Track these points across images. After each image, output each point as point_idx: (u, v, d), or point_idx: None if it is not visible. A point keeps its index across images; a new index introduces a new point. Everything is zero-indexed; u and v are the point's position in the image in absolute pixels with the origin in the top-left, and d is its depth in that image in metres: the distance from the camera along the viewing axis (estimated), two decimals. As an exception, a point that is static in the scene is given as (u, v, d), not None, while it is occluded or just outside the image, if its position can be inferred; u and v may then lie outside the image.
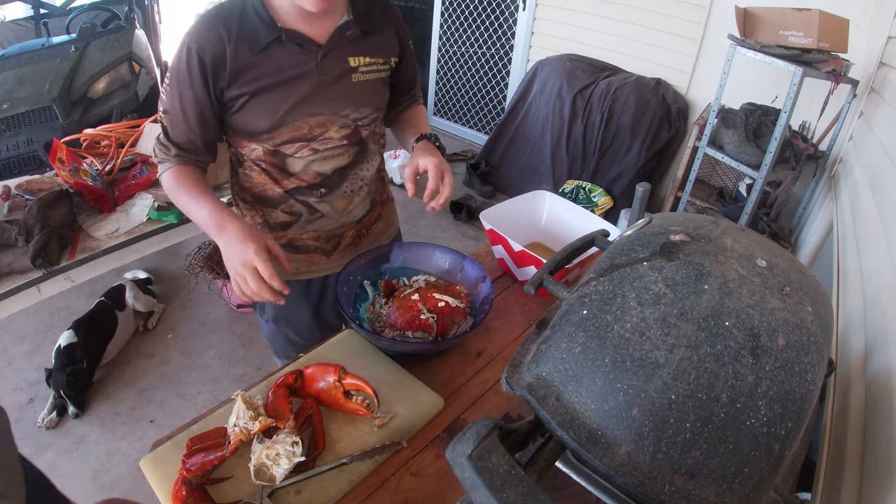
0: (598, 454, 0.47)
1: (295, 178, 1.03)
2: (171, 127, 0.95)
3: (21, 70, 2.89)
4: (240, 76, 0.90)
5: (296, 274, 1.13)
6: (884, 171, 1.37)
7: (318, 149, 1.00)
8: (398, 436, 0.80)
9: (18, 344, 2.21)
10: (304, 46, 0.93)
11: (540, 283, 0.66)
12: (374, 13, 1.01)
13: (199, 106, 0.92)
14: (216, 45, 0.88)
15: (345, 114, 1.00)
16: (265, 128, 0.95)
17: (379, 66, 1.03)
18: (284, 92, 0.93)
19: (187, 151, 0.97)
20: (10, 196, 1.86)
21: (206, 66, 0.88)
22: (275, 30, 0.90)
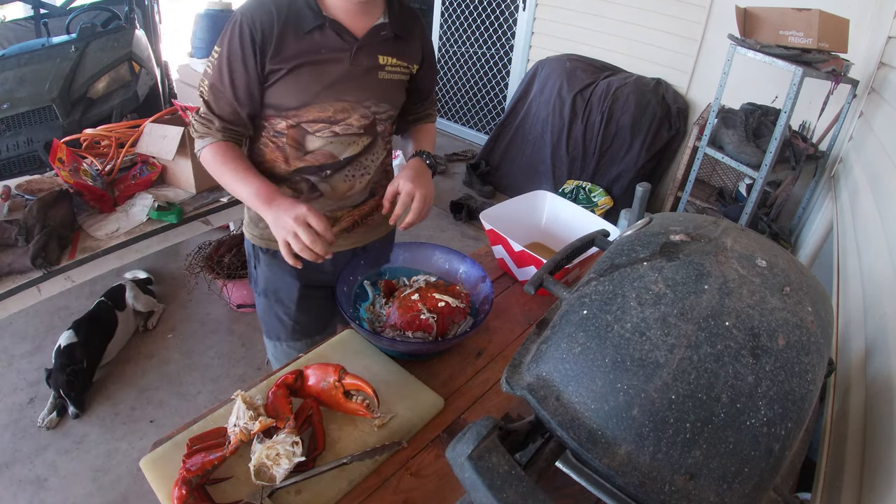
0: (598, 454, 0.47)
1: (309, 156, 1.08)
2: (215, 100, 1.01)
3: (21, 70, 2.89)
4: (281, 52, 0.97)
5: None
6: (884, 171, 1.37)
7: (338, 132, 1.07)
8: (398, 436, 0.80)
9: (18, 344, 2.21)
10: (343, 37, 1.00)
11: (540, 283, 0.66)
12: (406, 20, 1.10)
13: (247, 78, 0.99)
14: (266, 22, 0.95)
15: (367, 104, 1.07)
16: (294, 104, 1.02)
17: (402, 69, 1.11)
18: (318, 73, 1.00)
19: (231, 123, 1.03)
20: (10, 196, 1.86)
21: (256, 41, 0.95)
22: (320, 17, 0.98)
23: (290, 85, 1.01)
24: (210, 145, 1.03)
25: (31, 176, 2.05)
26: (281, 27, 0.97)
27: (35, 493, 1.66)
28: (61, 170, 1.84)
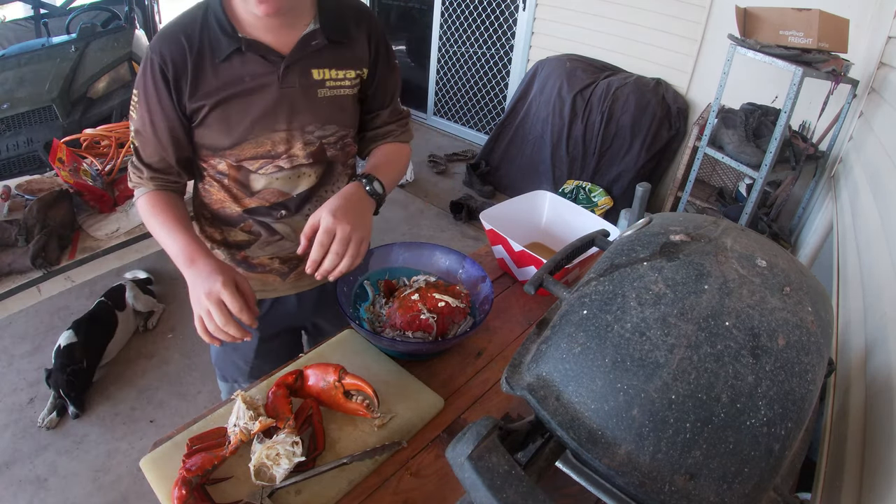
0: (598, 454, 0.47)
1: (256, 196, 0.98)
2: (142, 147, 0.92)
3: (21, 70, 2.90)
4: (200, 87, 0.87)
5: None
6: (884, 171, 1.37)
7: (282, 166, 0.95)
8: (398, 436, 0.80)
9: (18, 344, 2.21)
10: (267, 57, 0.88)
11: (540, 283, 0.66)
12: (344, 21, 0.94)
13: (168, 121, 0.89)
14: (177, 55, 0.85)
15: (309, 130, 0.95)
16: (227, 143, 0.92)
17: (348, 80, 0.96)
18: (245, 105, 0.89)
19: (161, 172, 0.94)
20: (10, 196, 1.87)
21: (169, 78, 0.85)
22: (235, 39, 0.86)
23: (217, 123, 0.90)
24: (144, 196, 0.93)
25: (31, 176, 2.06)
26: (195, 58, 0.85)
27: (35, 493, 1.66)
28: (61, 170, 1.84)
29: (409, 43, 4.84)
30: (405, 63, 4.89)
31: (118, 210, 1.97)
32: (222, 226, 1.03)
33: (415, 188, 3.61)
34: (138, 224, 1.93)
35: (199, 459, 0.70)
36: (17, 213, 1.80)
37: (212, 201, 1.01)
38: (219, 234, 1.05)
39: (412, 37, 4.72)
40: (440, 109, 4.57)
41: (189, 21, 0.86)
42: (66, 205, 1.81)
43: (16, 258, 1.65)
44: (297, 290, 1.12)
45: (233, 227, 1.02)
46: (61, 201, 1.79)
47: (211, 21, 0.86)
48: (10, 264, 1.65)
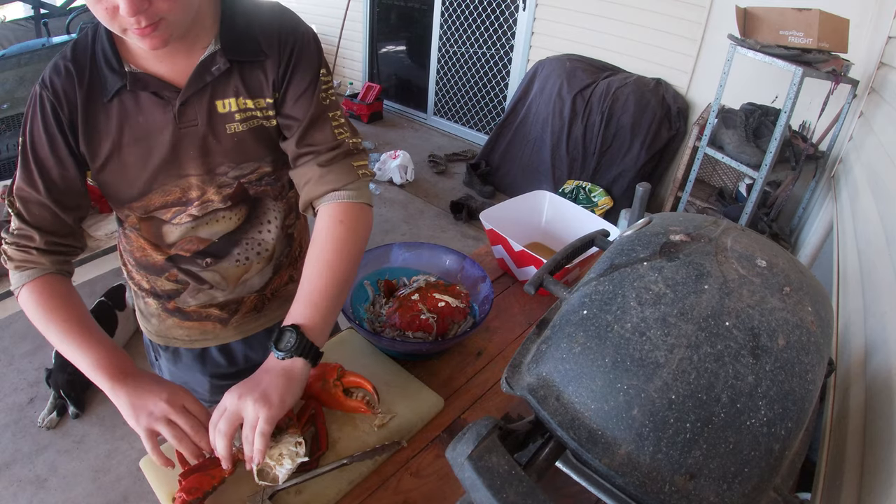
0: (598, 454, 0.47)
1: (175, 247, 0.86)
2: (27, 209, 0.75)
3: (21, 70, 2.89)
4: (93, 130, 0.74)
5: (188, 342, 0.99)
6: (884, 171, 1.37)
7: (196, 214, 0.82)
8: (398, 436, 0.80)
9: (18, 344, 2.21)
10: (159, 94, 0.73)
11: (540, 283, 0.66)
12: (250, 35, 0.76)
13: (61, 170, 0.74)
14: (68, 89, 0.71)
15: (222, 171, 0.80)
16: (131, 195, 0.79)
17: (262, 109, 0.79)
18: (144, 151, 0.76)
19: (54, 235, 0.77)
20: (10, 196, 1.86)
21: (63, 116, 0.72)
22: (120, 75, 0.72)
23: (115, 173, 0.77)
24: (29, 285, 0.75)
25: (31, 176, 2.06)
26: (85, 95, 0.72)
27: (35, 493, 1.66)
28: (61, 170, 1.84)
29: (409, 43, 4.85)
30: (405, 63, 4.90)
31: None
32: (148, 274, 0.92)
33: (415, 188, 3.61)
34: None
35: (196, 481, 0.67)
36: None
37: (133, 248, 0.90)
38: (146, 282, 0.93)
39: (412, 37, 4.73)
40: (440, 109, 4.57)
41: (80, 50, 0.73)
42: (66, 205, 1.81)
43: (16, 258, 1.65)
44: (243, 334, 1.01)
45: (158, 276, 0.91)
46: (61, 201, 1.79)
47: (97, 50, 0.73)
48: (10, 264, 1.65)
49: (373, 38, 4.76)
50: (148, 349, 1.07)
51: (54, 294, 0.76)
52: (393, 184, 3.59)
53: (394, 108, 4.91)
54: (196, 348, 1.01)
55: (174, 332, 0.99)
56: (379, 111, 4.65)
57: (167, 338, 1.00)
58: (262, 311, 1.01)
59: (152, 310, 0.98)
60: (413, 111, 4.80)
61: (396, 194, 3.50)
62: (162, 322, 0.98)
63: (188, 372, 1.03)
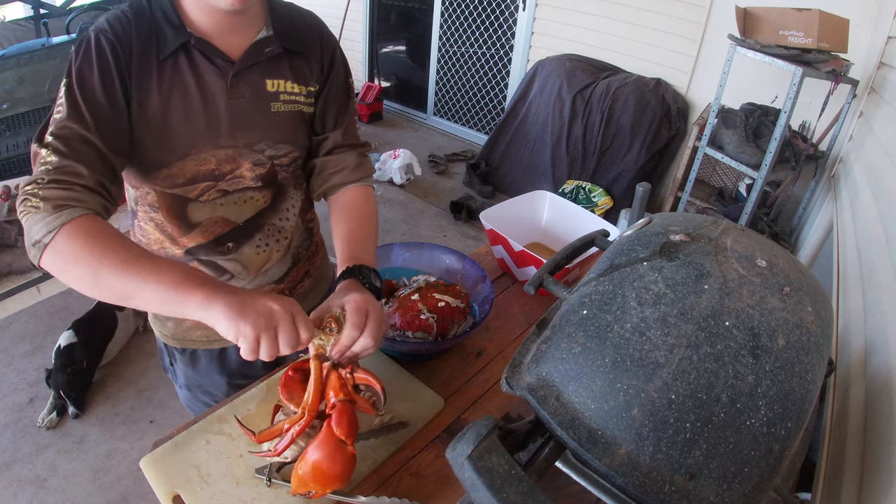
0: (598, 454, 0.47)
1: (197, 230, 0.85)
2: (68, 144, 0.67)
3: (21, 70, 2.89)
4: (142, 86, 0.73)
5: (206, 342, 0.98)
6: (884, 171, 1.37)
7: (227, 189, 0.83)
8: (398, 436, 0.80)
9: (18, 344, 2.21)
10: (214, 61, 0.77)
11: (540, 283, 0.66)
12: (298, 29, 0.85)
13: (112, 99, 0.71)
14: (126, 35, 0.72)
15: (259, 148, 0.84)
16: (165, 159, 0.78)
17: (303, 96, 0.86)
18: (189, 113, 0.77)
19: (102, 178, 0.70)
20: (10, 196, 1.86)
21: (119, 52, 0.71)
22: (182, 33, 0.74)
23: (156, 133, 0.76)
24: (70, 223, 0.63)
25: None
26: (140, 47, 0.72)
27: (35, 493, 1.66)
28: (61, 170, 1.84)
29: (409, 43, 4.85)
30: (405, 63, 4.90)
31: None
32: None
33: (415, 188, 3.61)
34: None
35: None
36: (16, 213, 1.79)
37: (150, 242, 0.88)
38: None
39: (412, 37, 4.73)
40: (440, 109, 4.57)
41: (136, 5, 0.75)
42: (66, 205, 1.81)
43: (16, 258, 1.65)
44: None
45: None
46: (61, 201, 1.79)
47: (156, 10, 0.75)
48: (10, 264, 1.65)
49: (373, 38, 4.76)
50: (162, 354, 1.05)
51: (106, 229, 0.66)
52: (393, 184, 3.59)
53: (394, 108, 4.91)
54: (214, 348, 1.00)
55: (192, 333, 0.97)
56: (379, 111, 4.65)
57: (185, 340, 0.98)
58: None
59: None
60: (413, 111, 4.80)
61: (396, 194, 3.50)
62: (179, 324, 0.97)
63: (206, 374, 1.02)
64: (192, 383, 1.03)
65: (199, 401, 1.06)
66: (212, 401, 1.04)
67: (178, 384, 1.07)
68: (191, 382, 1.03)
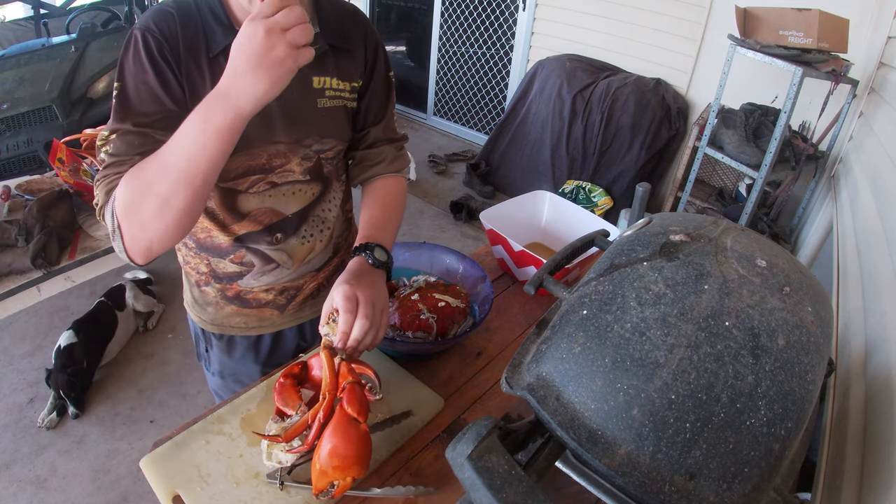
0: (598, 454, 0.47)
1: (247, 219, 0.88)
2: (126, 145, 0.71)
3: (21, 70, 2.90)
4: (191, 82, 0.74)
5: (244, 329, 1.01)
6: (884, 171, 1.37)
7: (276, 182, 0.86)
8: (398, 436, 0.81)
9: (18, 344, 2.21)
10: None
11: (540, 283, 0.66)
12: (343, 24, 0.86)
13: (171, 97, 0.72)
14: (171, 33, 0.72)
15: (307, 143, 0.86)
16: None
17: (347, 91, 0.89)
18: None
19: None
20: (10, 196, 1.87)
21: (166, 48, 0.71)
22: (232, 31, 0.74)
23: None
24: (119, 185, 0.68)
25: (31, 176, 2.06)
26: (187, 45, 0.73)
27: (35, 493, 1.66)
28: (61, 170, 1.85)
29: (409, 43, 4.85)
30: (405, 63, 4.90)
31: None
32: (210, 256, 0.93)
33: (415, 188, 3.61)
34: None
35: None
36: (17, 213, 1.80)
37: (196, 230, 0.89)
38: (205, 265, 0.94)
39: (412, 37, 4.73)
40: (440, 109, 4.57)
41: (183, 4, 0.75)
42: (66, 205, 1.81)
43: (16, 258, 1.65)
44: (298, 321, 1.05)
45: (222, 259, 0.92)
46: (61, 201, 1.79)
47: (203, 8, 0.76)
48: (10, 264, 1.65)
49: (373, 38, 4.76)
50: (198, 340, 1.06)
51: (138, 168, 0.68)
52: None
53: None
54: (252, 335, 1.02)
55: (232, 319, 0.99)
56: (379, 111, 4.65)
57: (224, 326, 1.00)
58: (318, 297, 1.03)
59: (210, 298, 0.97)
60: (413, 111, 4.80)
61: (396, 194, 3.50)
62: (220, 310, 0.98)
63: (241, 361, 1.04)
64: (226, 370, 1.05)
65: (230, 389, 1.07)
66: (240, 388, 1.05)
67: (210, 371, 1.08)
68: (224, 369, 1.05)
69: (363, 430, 0.67)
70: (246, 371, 1.05)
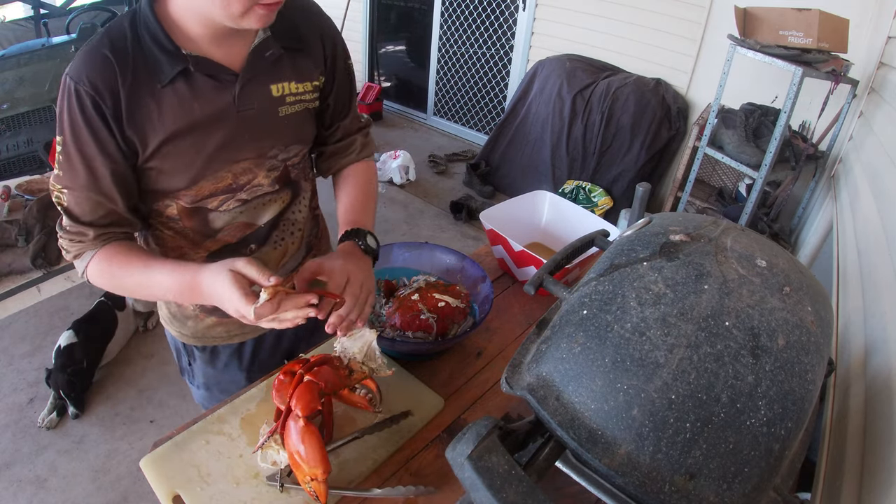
0: (598, 454, 0.47)
1: (220, 234, 0.86)
2: (78, 206, 0.73)
3: (21, 70, 2.89)
4: (140, 120, 0.71)
5: (226, 338, 1.00)
6: (884, 171, 1.37)
7: (245, 199, 0.84)
8: (398, 436, 0.81)
9: (18, 344, 2.21)
10: (218, 77, 0.74)
11: (540, 283, 0.66)
12: (296, 23, 0.81)
13: (112, 164, 0.72)
14: (107, 75, 0.68)
15: (273, 154, 0.84)
16: (181, 185, 0.78)
17: (308, 93, 0.85)
18: (199, 138, 0.75)
19: (109, 227, 0.76)
20: (10, 196, 1.87)
21: (105, 109, 0.69)
22: (179, 59, 0.71)
23: (165, 164, 0.75)
24: (93, 259, 0.76)
25: (31, 176, 2.06)
26: (129, 86, 0.69)
27: (35, 493, 1.66)
28: (61, 170, 1.84)
29: (409, 43, 4.84)
30: (405, 63, 4.90)
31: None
32: None
33: (415, 188, 3.61)
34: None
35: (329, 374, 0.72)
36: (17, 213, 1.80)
37: (166, 250, 0.87)
38: None
39: (412, 37, 4.72)
40: (440, 109, 4.57)
41: (116, 37, 0.70)
42: (66, 205, 1.81)
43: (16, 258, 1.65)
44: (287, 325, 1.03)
45: None
46: (61, 201, 1.79)
47: (143, 35, 0.70)
48: (10, 264, 1.65)
49: (373, 38, 4.76)
50: (180, 355, 1.04)
51: (113, 255, 0.76)
52: (393, 184, 3.59)
53: (394, 108, 4.91)
54: (234, 343, 1.01)
55: (213, 330, 0.98)
56: (379, 111, 4.65)
57: (206, 337, 0.99)
58: None
59: (188, 312, 0.96)
60: (413, 111, 4.80)
61: (396, 194, 3.50)
62: (200, 322, 0.97)
63: (225, 370, 1.03)
64: (211, 381, 1.04)
65: (216, 399, 1.05)
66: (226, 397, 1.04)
67: (195, 385, 1.07)
68: (209, 381, 1.04)
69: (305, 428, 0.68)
70: (231, 379, 1.04)
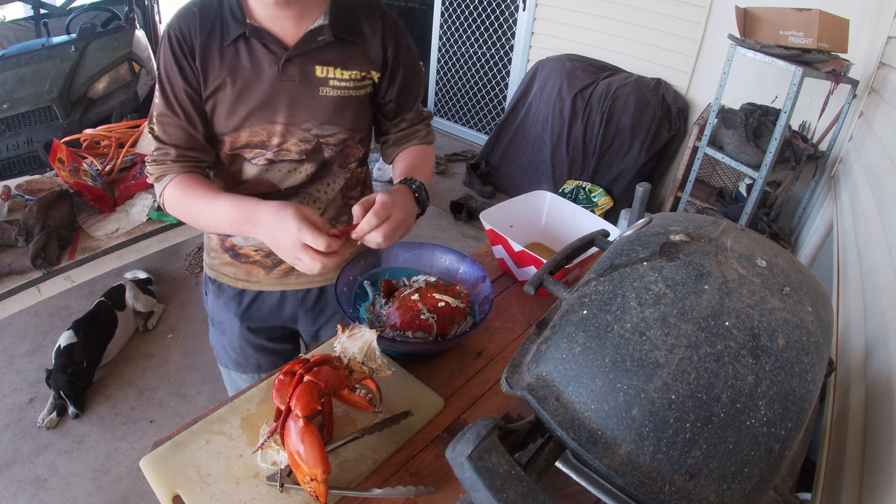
0: (598, 454, 0.47)
1: (244, 186, 0.98)
2: (165, 131, 0.91)
3: (21, 70, 2.90)
4: (206, 64, 0.88)
5: (233, 280, 1.10)
6: (884, 171, 1.37)
7: (272, 159, 0.95)
8: (398, 436, 0.80)
9: (18, 344, 2.21)
10: (269, 47, 0.88)
11: (540, 283, 0.66)
12: (355, 19, 0.93)
13: (191, 93, 0.89)
14: (190, 30, 0.87)
15: (306, 127, 0.94)
16: (226, 128, 0.93)
17: (355, 81, 0.94)
18: (242, 92, 0.90)
19: (189, 150, 0.92)
20: (10, 196, 1.87)
21: (186, 50, 0.87)
22: (242, 24, 0.87)
23: (217, 107, 0.91)
24: (171, 183, 0.90)
25: (31, 176, 2.06)
26: (204, 38, 0.87)
27: (35, 493, 1.66)
28: (61, 170, 1.84)
29: (409, 43, 4.85)
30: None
31: (118, 210, 1.97)
32: None
33: (415, 188, 3.61)
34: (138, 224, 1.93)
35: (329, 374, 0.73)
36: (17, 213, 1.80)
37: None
38: None
39: (412, 37, 4.72)
40: (440, 109, 4.57)
41: (208, 2, 0.89)
42: (66, 205, 1.81)
43: (16, 258, 1.65)
44: (282, 286, 1.10)
45: None
46: (61, 201, 1.79)
47: (224, 5, 0.88)
48: (10, 264, 1.65)
49: (373, 38, 4.76)
50: (205, 284, 1.17)
51: (187, 184, 0.90)
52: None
53: (394, 108, 4.92)
54: (237, 287, 1.10)
55: (225, 268, 1.09)
56: (379, 111, 4.66)
57: (218, 273, 1.10)
58: None
59: (213, 244, 1.10)
60: (413, 111, 4.80)
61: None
62: (218, 257, 1.09)
63: (224, 309, 1.13)
64: (216, 317, 1.16)
65: (219, 341, 1.17)
66: (227, 344, 1.15)
67: (209, 321, 1.19)
68: (214, 315, 1.16)
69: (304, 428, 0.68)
70: (227, 320, 1.13)
